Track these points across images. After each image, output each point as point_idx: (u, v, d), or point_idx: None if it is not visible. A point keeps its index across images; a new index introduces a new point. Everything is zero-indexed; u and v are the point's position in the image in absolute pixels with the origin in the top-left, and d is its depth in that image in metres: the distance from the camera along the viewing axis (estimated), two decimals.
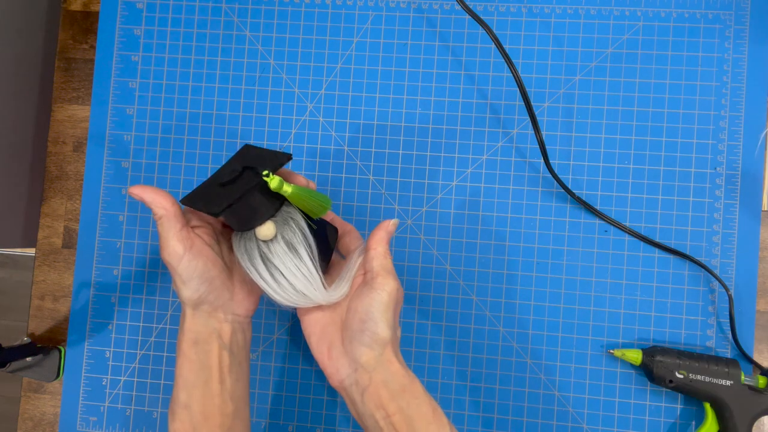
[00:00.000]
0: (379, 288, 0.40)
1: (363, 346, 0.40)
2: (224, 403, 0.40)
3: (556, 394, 0.51)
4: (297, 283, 0.39)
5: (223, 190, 0.38)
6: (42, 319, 0.56)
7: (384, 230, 0.43)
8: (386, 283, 0.40)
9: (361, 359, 0.40)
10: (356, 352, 0.40)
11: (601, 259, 0.52)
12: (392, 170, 0.54)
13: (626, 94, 0.53)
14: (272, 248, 0.39)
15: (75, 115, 0.57)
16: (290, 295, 0.39)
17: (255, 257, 0.39)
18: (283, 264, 0.39)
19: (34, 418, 0.55)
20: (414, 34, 0.55)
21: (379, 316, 0.39)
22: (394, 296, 0.40)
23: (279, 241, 0.39)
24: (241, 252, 0.40)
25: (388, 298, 0.40)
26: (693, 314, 0.51)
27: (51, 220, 0.57)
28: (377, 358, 0.40)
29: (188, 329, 0.40)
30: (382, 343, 0.40)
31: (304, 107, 0.55)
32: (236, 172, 0.39)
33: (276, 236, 0.39)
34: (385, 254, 0.42)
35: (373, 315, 0.39)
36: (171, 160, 0.56)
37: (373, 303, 0.40)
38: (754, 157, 0.52)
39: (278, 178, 0.37)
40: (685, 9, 0.53)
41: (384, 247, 0.42)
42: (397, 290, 0.41)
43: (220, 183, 0.39)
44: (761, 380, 0.48)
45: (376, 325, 0.39)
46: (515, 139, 0.54)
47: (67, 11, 0.58)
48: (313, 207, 0.40)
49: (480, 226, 0.53)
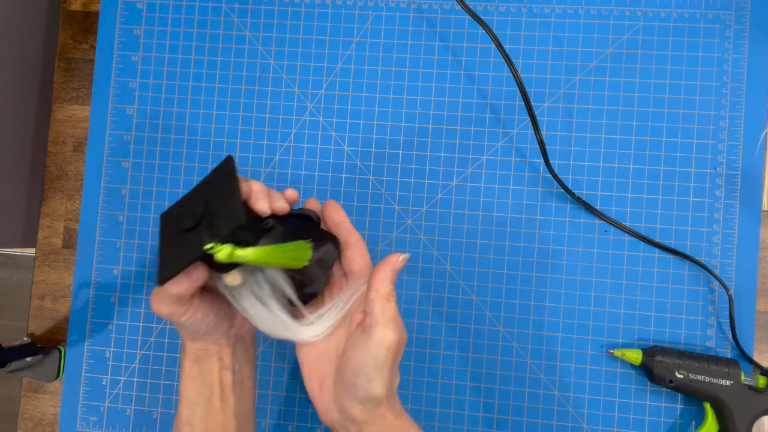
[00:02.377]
0: (377, 341, 0.35)
1: (354, 401, 0.36)
2: (227, 421, 0.40)
3: (556, 394, 0.51)
4: (267, 329, 0.37)
5: (183, 239, 0.34)
6: (42, 319, 0.56)
7: (390, 267, 0.37)
8: (385, 335, 0.35)
9: (352, 412, 0.36)
10: (346, 404, 0.36)
11: (601, 259, 0.52)
12: (392, 170, 0.54)
13: (626, 94, 0.53)
14: (241, 294, 0.37)
15: (75, 115, 0.57)
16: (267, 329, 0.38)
17: (227, 295, 0.37)
18: (253, 311, 0.37)
19: (34, 418, 0.55)
20: (414, 34, 0.55)
21: (374, 372, 0.35)
22: (393, 350, 0.35)
23: (246, 290, 0.36)
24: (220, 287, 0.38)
25: (386, 353, 0.35)
26: (693, 314, 0.51)
27: (51, 220, 0.57)
28: (369, 413, 0.36)
29: (188, 350, 0.40)
30: (375, 401, 0.35)
31: (304, 107, 0.55)
32: (196, 218, 0.34)
33: (243, 284, 0.36)
34: (388, 297, 0.36)
35: (367, 371, 0.35)
36: (171, 160, 0.56)
37: (369, 357, 0.35)
38: (754, 157, 0.52)
39: (227, 249, 0.32)
40: (685, 9, 0.53)
41: (387, 287, 0.36)
42: (397, 343, 0.36)
43: (184, 228, 0.34)
44: (761, 380, 0.48)
45: (370, 383, 0.35)
46: (515, 139, 0.54)
47: (67, 11, 0.58)
48: (283, 264, 0.35)
49: (480, 226, 0.53)
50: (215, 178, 0.36)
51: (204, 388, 0.40)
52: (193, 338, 0.39)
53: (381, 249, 0.53)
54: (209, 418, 0.39)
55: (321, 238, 0.39)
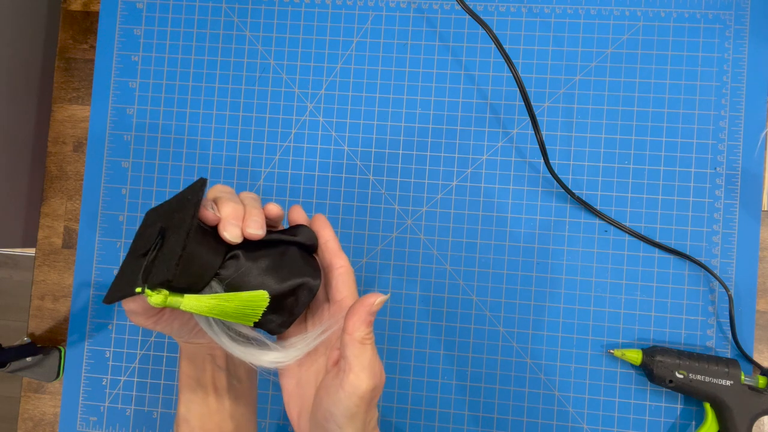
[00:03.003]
0: (349, 390, 0.32)
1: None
2: (224, 421, 0.39)
3: (556, 394, 0.51)
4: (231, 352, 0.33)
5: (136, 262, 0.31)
6: (42, 319, 0.56)
7: (366, 310, 0.33)
8: (358, 385, 0.32)
9: None
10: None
11: (601, 259, 0.52)
12: (392, 170, 0.54)
13: (626, 94, 0.53)
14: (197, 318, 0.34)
15: (75, 115, 0.57)
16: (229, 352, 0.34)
17: None
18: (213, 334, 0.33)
19: (34, 418, 0.55)
20: (414, 34, 0.55)
21: (345, 422, 0.32)
22: (366, 399, 0.32)
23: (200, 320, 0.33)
24: None
25: (357, 404, 0.32)
26: (693, 314, 0.51)
27: (51, 220, 0.57)
28: None
29: (183, 349, 0.40)
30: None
31: (304, 107, 0.55)
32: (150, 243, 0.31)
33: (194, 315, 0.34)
34: (363, 341, 0.33)
35: (338, 419, 0.32)
36: (171, 160, 0.56)
37: (339, 406, 0.32)
38: (754, 157, 0.52)
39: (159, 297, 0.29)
40: (685, 9, 0.53)
41: (363, 331, 0.33)
42: (372, 390, 0.33)
43: (140, 252, 0.31)
44: (761, 380, 0.48)
45: (341, 431, 0.33)
46: (515, 139, 0.54)
47: (67, 11, 0.58)
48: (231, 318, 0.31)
49: (480, 226, 0.53)
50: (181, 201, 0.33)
51: (198, 388, 0.39)
52: (183, 341, 0.39)
53: (381, 249, 0.53)
54: (205, 418, 0.39)
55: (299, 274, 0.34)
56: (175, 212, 0.32)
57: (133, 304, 0.34)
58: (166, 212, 0.33)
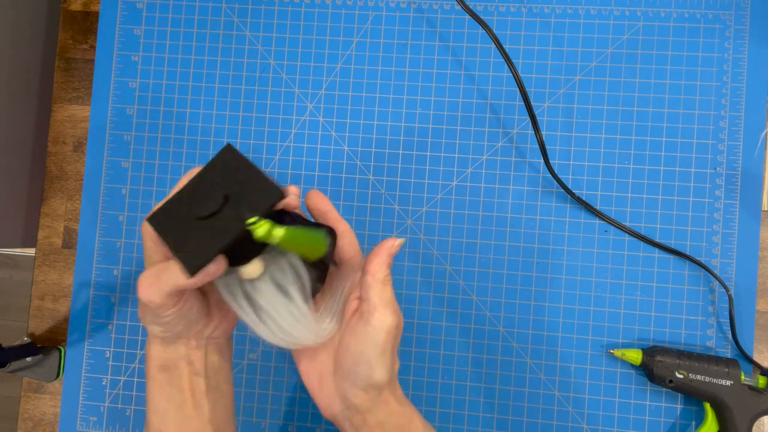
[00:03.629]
0: (377, 326, 0.34)
1: (356, 389, 0.35)
2: (203, 428, 0.37)
3: (556, 394, 0.51)
4: (285, 325, 0.34)
5: (201, 226, 0.32)
6: (42, 319, 0.56)
7: (386, 252, 0.36)
8: (384, 319, 0.34)
9: (355, 400, 0.35)
10: (348, 392, 0.36)
11: (601, 259, 0.52)
12: (392, 170, 0.54)
13: (626, 94, 0.53)
14: (258, 288, 0.34)
15: (75, 115, 0.57)
16: (276, 337, 0.35)
17: (238, 296, 0.34)
18: (271, 306, 0.34)
19: (34, 418, 0.55)
20: (414, 34, 0.55)
21: (375, 358, 0.34)
22: (393, 334, 0.35)
23: (267, 281, 0.34)
24: (221, 286, 0.35)
25: (386, 338, 0.34)
26: (693, 314, 0.51)
27: (51, 220, 0.57)
28: (373, 400, 0.35)
29: (154, 356, 0.37)
30: (378, 387, 0.35)
31: (304, 107, 0.55)
32: (217, 202, 0.32)
33: (264, 274, 0.34)
34: (385, 281, 0.35)
35: (367, 357, 0.34)
36: (171, 160, 0.56)
37: (368, 343, 0.34)
38: (754, 157, 0.52)
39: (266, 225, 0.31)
40: (685, 9, 0.53)
41: (384, 272, 0.35)
42: (396, 327, 0.35)
43: (199, 216, 0.32)
44: (761, 380, 0.48)
45: (372, 370, 0.34)
46: (515, 139, 0.54)
47: (67, 11, 0.58)
48: (306, 251, 0.34)
49: (480, 226, 0.53)
50: (223, 166, 0.34)
51: (174, 394, 0.37)
52: (162, 341, 0.37)
53: None
54: (183, 426, 0.37)
55: None
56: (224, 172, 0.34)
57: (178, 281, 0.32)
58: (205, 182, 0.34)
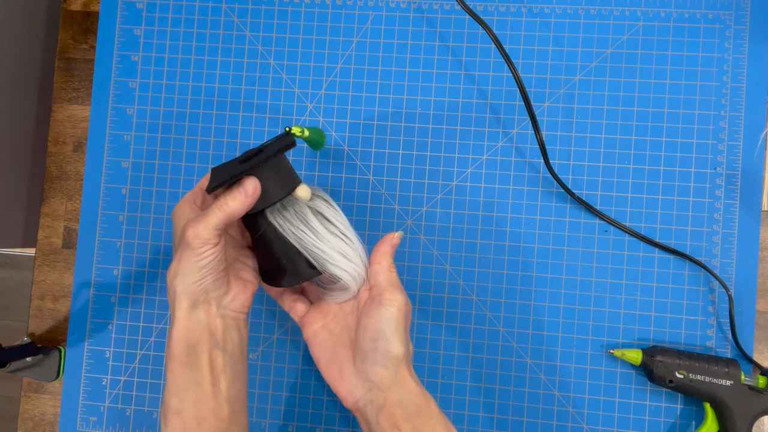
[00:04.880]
0: (388, 304, 0.39)
1: (377, 365, 0.39)
2: (219, 407, 0.39)
3: (556, 394, 0.51)
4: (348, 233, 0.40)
5: (251, 161, 0.38)
6: (42, 319, 0.56)
7: (388, 243, 0.42)
8: (394, 298, 0.40)
9: (376, 378, 0.39)
10: (370, 372, 0.39)
11: (601, 259, 0.52)
12: (392, 170, 0.54)
13: (626, 94, 0.53)
14: (317, 205, 0.40)
15: (75, 115, 0.57)
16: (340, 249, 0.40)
17: (311, 219, 0.39)
18: (332, 216, 0.40)
19: (34, 418, 0.55)
20: (414, 34, 0.55)
21: (390, 333, 0.39)
22: (403, 311, 0.40)
23: (318, 198, 0.40)
24: (291, 222, 0.39)
25: (398, 314, 0.39)
26: (693, 314, 0.51)
27: (51, 220, 0.57)
28: (392, 376, 0.39)
29: (179, 327, 0.39)
30: (396, 361, 0.39)
31: (304, 107, 0.55)
32: (254, 151, 0.40)
33: (312, 196, 0.40)
34: (390, 268, 0.41)
35: (384, 333, 0.39)
36: (171, 160, 0.56)
37: (383, 320, 0.39)
38: (754, 157, 0.52)
39: (297, 127, 0.40)
40: (685, 9, 0.53)
41: (389, 260, 0.42)
42: (405, 304, 0.40)
43: (240, 161, 0.39)
44: (761, 380, 0.48)
45: (389, 343, 0.39)
46: (515, 139, 0.54)
47: (67, 11, 0.58)
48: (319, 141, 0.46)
49: (480, 226, 0.53)
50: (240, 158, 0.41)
51: (193, 372, 0.38)
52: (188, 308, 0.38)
53: None
54: (200, 405, 0.38)
55: None
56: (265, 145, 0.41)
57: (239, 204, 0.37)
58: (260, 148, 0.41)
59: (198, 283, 0.38)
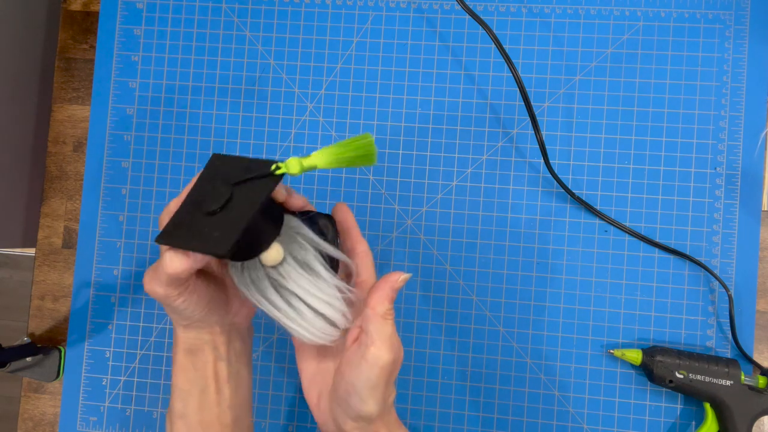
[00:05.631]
0: (371, 362, 0.34)
1: (347, 417, 0.36)
2: (223, 413, 0.39)
3: (556, 394, 0.51)
4: (320, 306, 0.34)
5: (214, 220, 0.32)
6: (42, 319, 0.56)
7: (389, 286, 0.35)
8: (380, 356, 0.34)
9: (345, 428, 0.36)
10: (339, 420, 0.36)
11: (601, 259, 0.52)
12: (392, 170, 0.54)
13: (626, 94, 0.53)
14: (283, 272, 0.34)
15: (75, 115, 0.57)
16: (312, 324, 0.34)
17: (265, 287, 0.34)
18: (300, 287, 0.34)
19: (34, 418, 0.55)
20: (414, 34, 0.55)
21: (366, 393, 0.34)
22: (387, 371, 0.34)
23: (290, 263, 0.34)
24: (246, 284, 0.35)
25: (378, 375, 0.34)
26: (693, 314, 0.51)
27: (51, 220, 0.57)
28: (362, 429, 0.36)
29: (180, 340, 0.38)
30: (367, 419, 0.35)
31: (304, 107, 0.55)
32: (225, 195, 0.32)
33: (285, 258, 0.34)
34: (385, 316, 0.35)
35: (359, 391, 0.34)
36: (171, 160, 0.56)
37: (361, 377, 0.34)
38: (754, 157, 0.52)
39: (294, 160, 0.32)
40: (685, 9, 0.53)
41: (385, 306, 0.35)
42: (392, 363, 0.35)
43: (208, 212, 0.32)
44: (761, 380, 0.48)
45: (362, 403, 0.35)
46: (515, 139, 0.54)
47: (67, 11, 0.58)
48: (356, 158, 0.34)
49: (480, 226, 0.53)
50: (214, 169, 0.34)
51: (198, 379, 0.38)
52: (186, 326, 0.38)
53: (381, 249, 0.53)
54: (204, 411, 0.38)
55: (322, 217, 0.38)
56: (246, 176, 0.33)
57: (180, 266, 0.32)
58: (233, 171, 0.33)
59: (187, 320, 0.37)
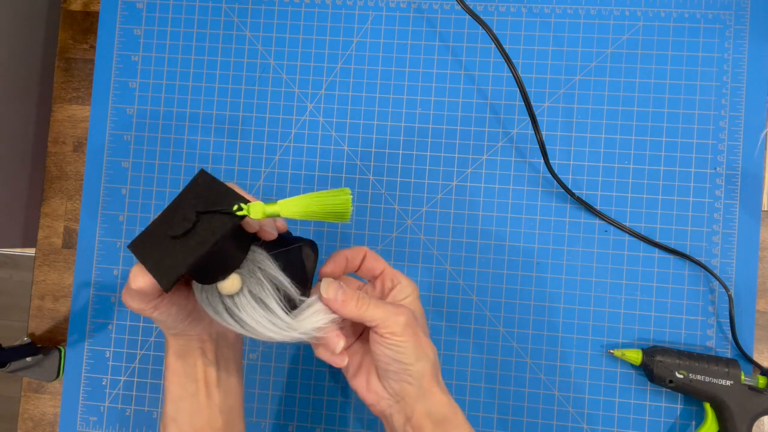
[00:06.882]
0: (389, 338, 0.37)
1: (401, 382, 0.38)
2: (213, 417, 0.40)
3: (556, 394, 0.51)
4: (269, 333, 0.35)
5: (173, 245, 0.32)
6: (42, 319, 0.56)
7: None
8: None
9: (402, 393, 0.38)
10: (394, 387, 0.38)
11: (601, 259, 0.52)
12: (392, 170, 0.54)
13: (626, 94, 0.53)
14: (238, 302, 0.35)
15: (75, 115, 0.57)
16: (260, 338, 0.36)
17: (221, 311, 0.35)
18: (251, 318, 0.35)
19: (34, 418, 0.55)
20: (414, 34, 0.55)
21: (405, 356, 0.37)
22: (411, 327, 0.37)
23: (245, 295, 0.35)
24: (204, 303, 0.36)
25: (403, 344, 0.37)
26: (693, 314, 0.51)
27: (51, 220, 0.57)
28: (417, 390, 0.38)
29: (171, 345, 0.40)
30: (418, 376, 0.38)
31: (304, 107, 0.55)
32: (188, 222, 0.32)
33: (242, 289, 0.35)
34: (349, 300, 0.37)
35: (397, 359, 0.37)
36: (171, 160, 0.56)
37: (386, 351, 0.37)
38: (754, 157, 0.52)
39: (257, 205, 0.32)
40: (685, 9, 0.53)
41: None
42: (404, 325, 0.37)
43: (171, 235, 0.33)
44: (761, 380, 0.48)
45: (406, 365, 0.37)
46: (515, 139, 0.54)
47: (67, 11, 0.58)
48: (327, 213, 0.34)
49: (480, 226, 0.53)
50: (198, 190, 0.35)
51: (188, 383, 0.39)
52: (174, 334, 0.39)
53: (381, 249, 0.53)
54: (195, 415, 0.39)
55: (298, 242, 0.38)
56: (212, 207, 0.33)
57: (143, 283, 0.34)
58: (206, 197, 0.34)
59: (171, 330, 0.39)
